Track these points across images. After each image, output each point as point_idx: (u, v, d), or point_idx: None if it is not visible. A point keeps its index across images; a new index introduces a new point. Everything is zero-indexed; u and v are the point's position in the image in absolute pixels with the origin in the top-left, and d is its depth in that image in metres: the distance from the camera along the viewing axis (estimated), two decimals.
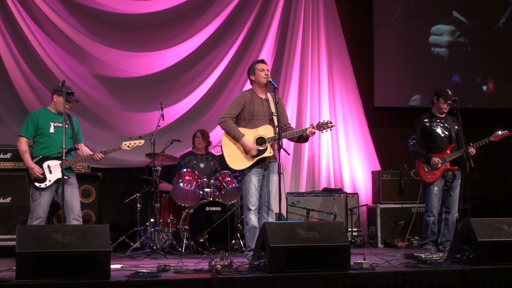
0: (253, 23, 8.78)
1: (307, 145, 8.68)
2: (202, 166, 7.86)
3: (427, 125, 6.69)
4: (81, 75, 8.22)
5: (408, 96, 9.64)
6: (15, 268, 4.56)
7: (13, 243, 5.06)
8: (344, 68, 9.13)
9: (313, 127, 5.86)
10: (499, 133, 6.70)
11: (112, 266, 4.78)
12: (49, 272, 4.45)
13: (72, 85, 7.08)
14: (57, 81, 6.88)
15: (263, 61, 5.99)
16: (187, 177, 7.39)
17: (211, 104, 8.63)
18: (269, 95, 5.93)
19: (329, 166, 8.91)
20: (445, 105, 6.66)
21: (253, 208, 5.75)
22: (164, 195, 7.66)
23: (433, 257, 5.60)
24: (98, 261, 4.55)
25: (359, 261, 5.12)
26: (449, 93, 6.68)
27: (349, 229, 8.05)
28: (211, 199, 7.38)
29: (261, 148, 5.75)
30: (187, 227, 7.19)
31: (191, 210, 7.25)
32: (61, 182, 5.65)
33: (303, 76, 8.95)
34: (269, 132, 5.77)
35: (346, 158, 8.98)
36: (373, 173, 8.73)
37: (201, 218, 7.22)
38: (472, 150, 6.50)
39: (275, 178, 5.84)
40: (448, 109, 6.70)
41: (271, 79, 5.83)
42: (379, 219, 8.22)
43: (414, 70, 9.61)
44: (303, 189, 8.73)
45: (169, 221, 7.53)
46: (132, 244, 7.29)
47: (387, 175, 8.47)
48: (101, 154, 5.95)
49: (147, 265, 5.60)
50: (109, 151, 6.01)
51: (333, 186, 8.75)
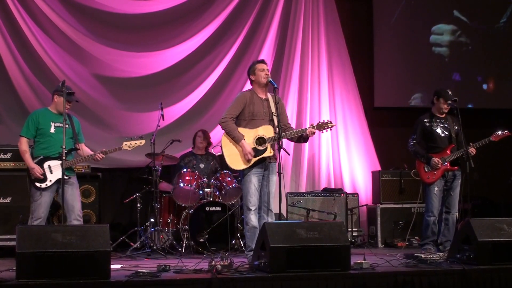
0: (253, 23, 8.78)
1: (307, 145, 8.68)
2: (202, 166, 7.86)
3: (427, 125, 6.69)
4: (81, 75, 8.22)
5: (408, 96, 9.64)
6: (15, 268, 4.56)
7: (13, 243, 5.06)
8: (344, 68, 9.12)
9: (313, 127, 5.86)
10: (499, 133, 6.70)
11: (112, 266, 4.78)
12: (49, 272, 4.45)
13: (72, 85, 7.08)
14: (57, 81, 6.88)
15: (263, 61, 5.99)
16: (187, 177, 7.39)
17: (211, 104, 8.63)
18: (269, 95, 5.93)
19: (329, 166, 8.91)
20: (445, 105, 6.66)
21: (253, 208, 5.74)
22: (164, 195, 7.65)
23: (433, 257, 5.60)
24: (98, 261, 4.55)
25: (359, 261, 5.12)
26: (449, 93, 6.68)
27: (349, 229, 8.05)
28: (211, 199, 7.38)
29: (261, 148, 5.74)
30: (187, 227, 7.19)
31: (191, 210, 7.25)
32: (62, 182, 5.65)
33: (303, 76, 8.94)
34: (269, 132, 5.77)
35: (346, 158, 8.98)
36: (373, 173, 8.72)
37: (201, 218, 7.22)
38: (472, 150, 6.49)
39: (274, 178, 5.84)
40: (448, 109, 6.70)
41: (271, 79, 5.83)
42: (379, 219, 8.21)
43: (414, 70, 9.61)
44: (303, 189, 8.72)
45: (169, 221, 7.53)
46: (132, 244, 7.29)
47: (387, 175, 8.47)
48: (101, 154, 5.95)
49: (147, 265, 5.60)
50: (110, 151, 6.00)
51: (333, 186, 8.74)
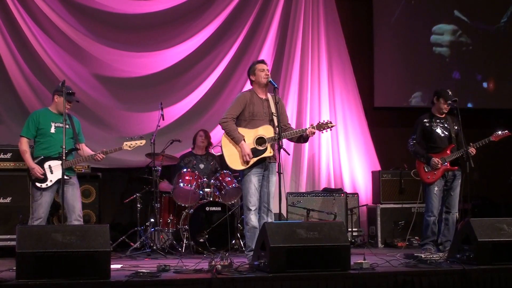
0: (253, 23, 8.78)
1: (307, 145, 8.67)
2: (202, 166, 7.86)
3: (427, 125, 6.69)
4: (81, 75, 8.22)
5: (408, 96, 9.64)
6: (15, 268, 4.56)
7: (13, 243, 5.06)
8: (344, 68, 9.12)
9: (313, 127, 5.86)
10: (499, 133, 6.70)
11: (112, 266, 4.78)
12: (49, 272, 4.45)
13: (72, 85, 7.07)
14: (57, 81, 6.88)
15: (263, 61, 5.99)
16: (187, 177, 7.39)
17: (211, 104, 8.63)
18: (269, 95, 5.93)
19: (329, 166, 8.91)
20: (445, 106, 6.66)
21: (253, 208, 5.74)
22: (164, 195, 7.65)
23: (433, 257, 5.60)
24: (98, 261, 4.55)
25: (359, 261, 5.12)
26: (449, 93, 6.68)
27: (349, 229, 8.05)
28: (211, 199, 7.38)
29: (261, 148, 5.74)
30: (187, 227, 7.18)
31: (191, 210, 7.25)
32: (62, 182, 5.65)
33: (303, 76, 8.94)
34: (269, 132, 5.77)
35: (346, 158, 8.97)
36: (373, 173, 8.72)
37: (201, 218, 7.22)
38: (472, 150, 6.49)
39: (274, 178, 5.84)
40: (448, 109, 6.70)
41: (271, 79, 5.83)
42: (379, 219, 8.21)
43: (414, 70, 9.60)
44: (303, 189, 8.72)
45: (169, 221, 7.53)
46: (132, 244, 7.29)
47: (387, 175, 8.47)
48: (102, 154, 5.94)
49: (147, 265, 5.60)
50: (110, 151, 6.00)
51: (333, 186, 8.74)
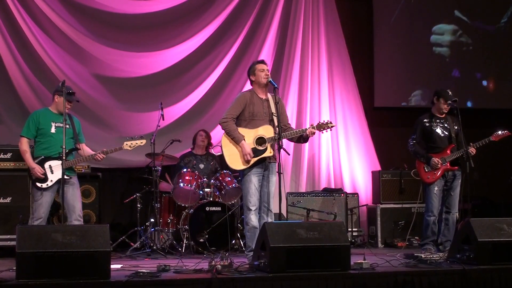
0: (253, 23, 8.78)
1: (307, 145, 8.67)
2: (202, 166, 7.86)
3: (427, 125, 6.69)
4: (81, 75, 8.22)
5: (408, 96, 9.64)
6: (15, 268, 4.56)
7: (13, 243, 5.06)
8: (344, 68, 9.12)
9: (313, 127, 5.86)
10: (499, 133, 6.70)
11: (112, 266, 4.78)
12: (49, 272, 4.45)
13: (72, 85, 7.07)
14: (57, 81, 6.88)
15: (263, 62, 5.99)
16: (187, 177, 7.39)
17: (211, 104, 8.63)
18: (269, 95, 5.93)
19: (329, 166, 8.91)
20: (445, 106, 6.66)
21: (253, 208, 5.74)
22: (164, 195, 7.65)
23: (433, 257, 5.59)
24: (98, 261, 4.55)
25: (359, 261, 5.12)
26: (449, 93, 6.68)
27: (349, 229, 8.05)
28: (211, 199, 7.38)
29: (261, 148, 5.74)
30: (187, 227, 7.18)
31: (191, 210, 7.25)
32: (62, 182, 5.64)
33: (303, 76, 8.94)
34: (269, 132, 5.77)
35: (346, 158, 8.97)
36: (373, 173, 8.72)
37: (201, 218, 7.22)
38: (472, 150, 6.49)
39: (274, 178, 5.84)
40: (448, 109, 6.70)
41: (271, 79, 5.83)
42: (379, 219, 8.21)
43: (414, 70, 9.60)
44: (303, 189, 8.72)
45: (169, 221, 7.53)
46: (132, 244, 7.29)
47: (387, 175, 8.47)
48: (102, 154, 5.94)
49: (147, 265, 5.60)
50: (111, 151, 5.99)
51: (333, 186, 8.74)
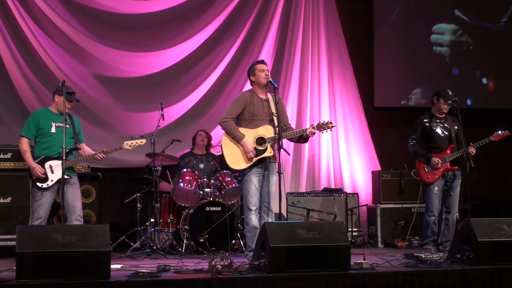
0: (253, 23, 8.78)
1: (307, 145, 8.67)
2: (202, 166, 7.86)
3: (427, 125, 6.69)
4: (81, 75, 8.22)
5: (408, 96, 9.64)
6: (15, 268, 4.56)
7: (13, 243, 5.06)
8: (344, 68, 9.12)
9: (313, 128, 5.86)
10: (499, 133, 6.70)
11: (112, 266, 4.78)
12: (49, 272, 4.45)
13: (72, 85, 7.06)
14: (57, 81, 6.88)
15: (263, 62, 5.99)
16: (187, 177, 7.39)
17: (211, 104, 8.63)
18: (269, 95, 5.93)
19: (329, 166, 8.91)
20: (445, 106, 6.66)
21: (253, 208, 5.74)
22: (164, 195, 7.65)
23: (433, 257, 5.59)
24: (98, 261, 4.55)
25: (359, 261, 5.12)
26: (449, 93, 6.68)
27: (349, 229, 8.05)
28: (211, 199, 7.38)
29: (261, 148, 5.74)
30: (187, 227, 7.18)
31: (191, 210, 7.25)
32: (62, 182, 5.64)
33: (303, 76, 8.94)
34: (269, 132, 5.77)
35: (346, 158, 8.97)
36: (373, 173, 8.72)
37: (201, 218, 7.22)
38: (472, 150, 6.50)
39: (274, 178, 5.84)
40: (448, 109, 6.70)
41: (271, 79, 5.83)
42: (379, 219, 8.21)
43: (414, 69, 9.60)
44: (303, 189, 8.72)
45: (169, 221, 7.53)
46: (132, 244, 7.29)
47: (387, 175, 8.47)
48: (102, 153, 5.94)
49: (147, 265, 5.60)
50: (111, 151, 5.99)
51: (333, 186, 8.74)
